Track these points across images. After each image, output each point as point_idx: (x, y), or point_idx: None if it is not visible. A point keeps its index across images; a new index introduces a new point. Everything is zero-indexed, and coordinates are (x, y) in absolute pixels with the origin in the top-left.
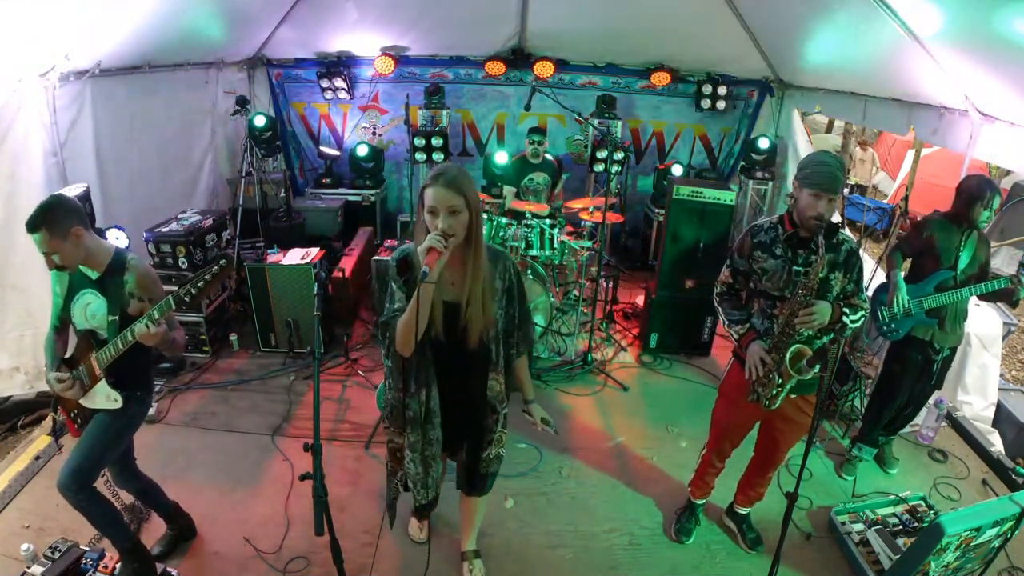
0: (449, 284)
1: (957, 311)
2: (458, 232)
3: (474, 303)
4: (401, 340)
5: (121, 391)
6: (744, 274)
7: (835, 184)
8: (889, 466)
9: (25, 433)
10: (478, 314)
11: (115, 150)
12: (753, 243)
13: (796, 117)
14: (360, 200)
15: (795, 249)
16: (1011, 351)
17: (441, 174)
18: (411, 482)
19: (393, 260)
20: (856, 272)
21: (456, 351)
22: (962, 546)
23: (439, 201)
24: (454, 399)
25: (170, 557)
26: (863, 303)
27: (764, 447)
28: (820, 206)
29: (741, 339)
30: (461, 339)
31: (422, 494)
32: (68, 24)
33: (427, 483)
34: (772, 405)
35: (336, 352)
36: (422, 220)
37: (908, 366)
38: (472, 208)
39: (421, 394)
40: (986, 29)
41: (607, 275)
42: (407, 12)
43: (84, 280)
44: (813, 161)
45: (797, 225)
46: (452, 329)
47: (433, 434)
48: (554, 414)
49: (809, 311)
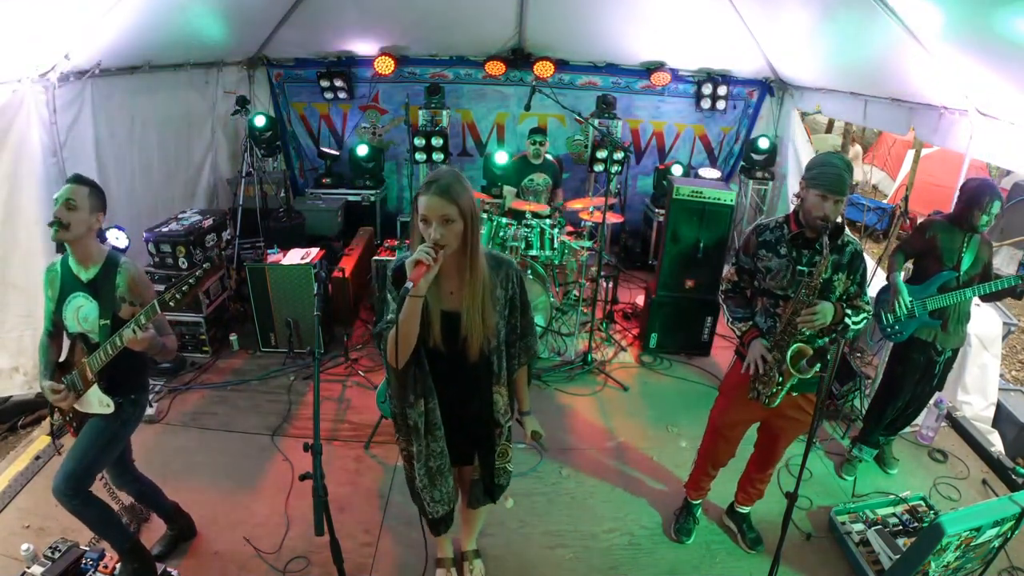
0: (448, 293)
1: (960, 312)
2: (451, 242)
3: (473, 313)
4: (391, 353)
5: (114, 396)
6: (749, 272)
7: (842, 186)
8: (889, 466)
9: (25, 433)
10: (478, 324)
11: (115, 150)
12: (758, 241)
13: (796, 117)
14: (360, 200)
15: (800, 249)
16: (1011, 351)
17: (434, 181)
18: (421, 494)
19: (390, 270)
20: (860, 274)
21: (458, 362)
22: (962, 546)
23: (431, 210)
24: (459, 411)
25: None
26: (866, 305)
27: (763, 444)
28: (826, 207)
29: (744, 336)
30: (462, 350)
31: (432, 508)
32: (68, 24)
33: (435, 496)
34: (772, 403)
35: (336, 352)
36: (417, 227)
37: (910, 367)
38: (466, 216)
39: (420, 405)
40: (986, 28)
41: (607, 275)
42: (407, 12)
43: (76, 283)
44: (821, 162)
45: (802, 225)
46: (452, 340)
47: (436, 446)
48: (554, 414)
49: (811, 311)
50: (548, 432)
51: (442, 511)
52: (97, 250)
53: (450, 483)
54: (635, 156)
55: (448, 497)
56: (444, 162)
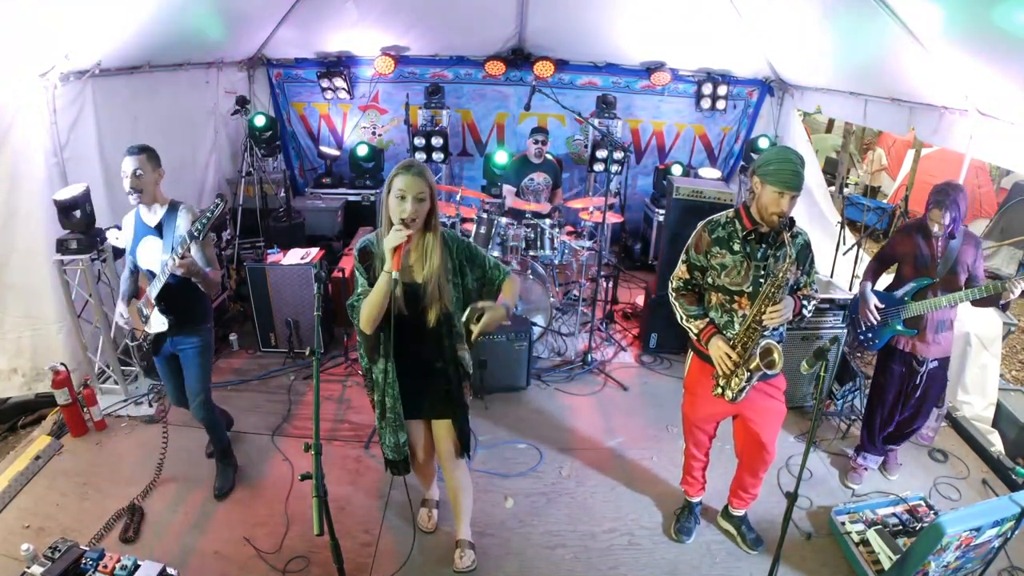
0: (407, 267)
1: (938, 321)
2: (419, 218)
3: (431, 285)
4: (365, 319)
5: (169, 316)
6: (700, 269)
7: (799, 182)
8: (892, 473)
9: (25, 433)
10: (435, 296)
11: (119, 150)
12: (711, 239)
13: (796, 117)
14: (360, 200)
15: (754, 244)
16: (1011, 351)
17: (412, 165)
18: (379, 435)
19: (356, 250)
20: (808, 264)
21: (420, 327)
22: (962, 546)
23: (409, 187)
24: (426, 369)
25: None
26: (814, 292)
27: (746, 446)
28: (783, 203)
29: (701, 333)
30: (422, 316)
31: (387, 448)
32: (68, 24)
33: (386, 441)
34: (737, 398)
35: (336, 352)
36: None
37: (890, 377)
38: (433, 198)
39: (380, 363)
40: (987, 24)
41: (607, 275)
42: (407, 12)
43: (144, 227)
44: (777, 158)
45: (756, 221)
46: (413, 307)
47: (390, 399)
48: (554, 414)
49: (777, 308)
50: (548, 432)
51: (393, 456)
52: (162, 198)
53: (401, 437)
54: (635, 156)
55: (398, 446)
56: (444, 162)
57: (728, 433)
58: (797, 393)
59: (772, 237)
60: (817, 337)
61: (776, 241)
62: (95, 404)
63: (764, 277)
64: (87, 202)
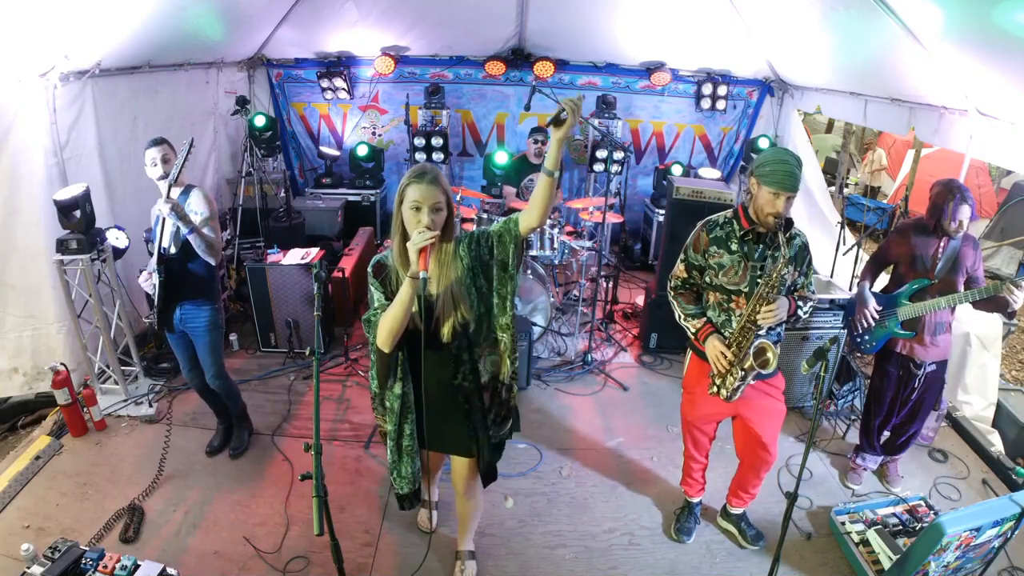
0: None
1: (936, 323)
2: (438, 228)
3: (446, 297)
4: (385, 333)
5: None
6: (699, 269)
7: (794, 183)
8: (893, 485)
9: (25, 433)
10: (450, 308)
11: (119, 150)
12: (709, 239)
13: (796, 117)
14: (360, 200)
15: (752, 244)
16: (1011, 351)
17: (425, 173)
18: (390, 467)
19: (370, 267)
20: (806, 265)
21: (433, 343)
22: (962, 546)
23: (425, 197)
24: (438, 390)
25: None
26: (812, 295)
27: (746, 447)
28: (779, 204)
29: (698, 332)
30: (436, 330)
31: (398, 483)
32: (68, 24)
33: (401, 472)
34: (733, 397)
35: (336, 352)
36: (399, 218)
37: (888, 380)
38: (450, 205)
39: (397, 387)
40: (987, 25)
41: (607, 275)
42: (407, 12)
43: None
44: (773, 159)
45: (753, 221)
46: (427, 321)
47: (407, 427)
48: (554, 414)
49: (771, 308)
50: (548, 432)
51: (407, 488)
52: (185, 178)
53: (417, 464)
54: (635, 156)
55: (414, 476)
56: (444, 162)
57: (728, 433)
58: (797, 393)
59: (770, 237)
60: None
61: (774, 242)
62: (95, 404)
63: (761, 277)
64: (87, 202)
